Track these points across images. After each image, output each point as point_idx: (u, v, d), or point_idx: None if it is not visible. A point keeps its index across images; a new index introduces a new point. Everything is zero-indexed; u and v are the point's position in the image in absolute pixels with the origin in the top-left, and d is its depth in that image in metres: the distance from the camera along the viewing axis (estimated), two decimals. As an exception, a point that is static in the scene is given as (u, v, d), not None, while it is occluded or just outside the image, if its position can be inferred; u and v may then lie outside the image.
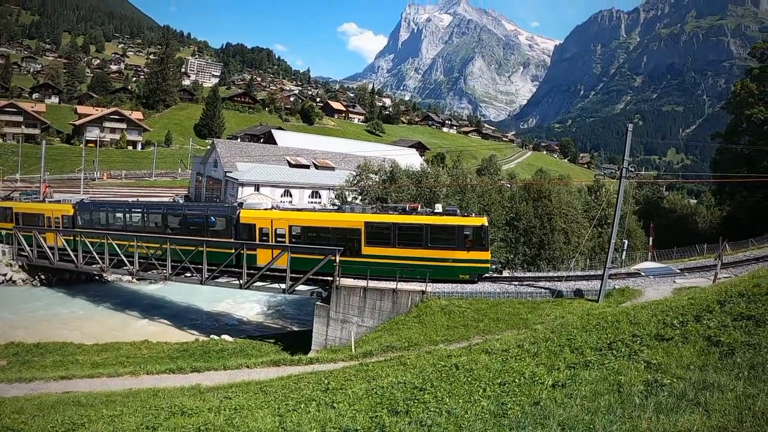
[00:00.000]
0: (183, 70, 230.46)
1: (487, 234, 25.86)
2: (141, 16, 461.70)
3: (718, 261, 23.90)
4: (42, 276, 37.48)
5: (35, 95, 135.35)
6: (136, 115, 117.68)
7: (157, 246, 30.79)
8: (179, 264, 29.63)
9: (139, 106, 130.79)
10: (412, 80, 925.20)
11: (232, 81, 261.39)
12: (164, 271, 30.48)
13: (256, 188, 58.04)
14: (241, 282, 27.68)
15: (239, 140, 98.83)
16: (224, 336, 28.49)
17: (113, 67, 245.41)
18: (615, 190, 27.80)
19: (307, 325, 28.05)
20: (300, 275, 26.22)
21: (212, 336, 28.64)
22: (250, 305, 36.43)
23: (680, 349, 8.78)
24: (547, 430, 5.91)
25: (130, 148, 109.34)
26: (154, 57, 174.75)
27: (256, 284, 27.94)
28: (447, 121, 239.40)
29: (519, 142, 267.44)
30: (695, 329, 9.50)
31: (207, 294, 35.14)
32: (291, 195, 61.06)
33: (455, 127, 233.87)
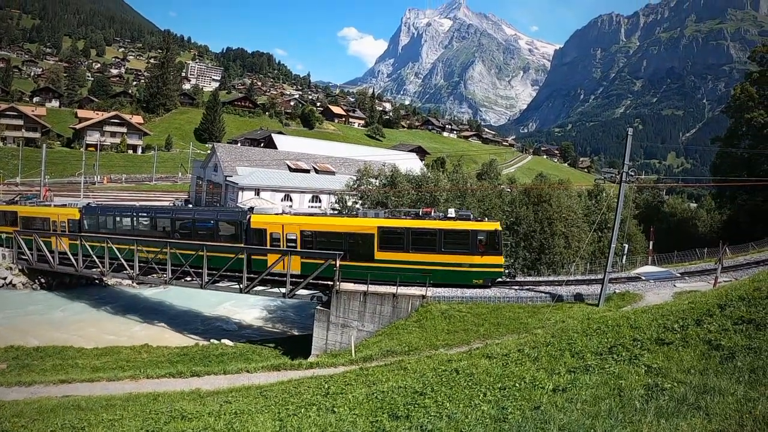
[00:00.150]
0: (183, 75, 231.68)
1: (501, 238, 25.80)
2: (141, 21, 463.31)
3: (719, 265, 23.91)
4: (42, 280, 37.42)
5: (36, 99, 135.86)
6: (137, 119, 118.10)
7: (177, 252, 29.71)
8: (196, 269, 28.96)
9: (140, 110, 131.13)
10: (413, 85, 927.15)
11: (233, 85, 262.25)
12: (164, 275, 30.41)
13: (257, 192, 58.09)
14: (242, 286, 27.64)
15: (239, 144, 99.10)
16: (224, 340, 28.51)
17: (114, 71, 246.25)
18: (615, 195, 27.80)
19: (308, 330, 28.01)
20: (301, 279, 26.16)
21: (212, 340, 28.65)
22: (250, 310, 36.35)
23: (681, 353, 8.77)
24: (548, 435, 5.90)
25: (131, 152, 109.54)
26: (155, 61, 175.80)
27: (257, 288, 27.94)
28: (447, 126, 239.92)
29: (519, 147, 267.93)
30: (696, 333, 9.50)
31: (208, 298, 35.10)
32: (291, 199, 61.07)
33: (455, 132, 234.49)
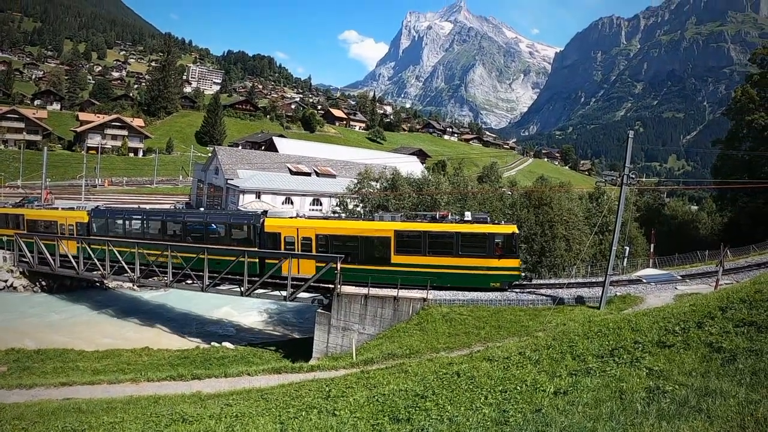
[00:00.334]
0: (184, 78, 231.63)
1: (518, 241, 25.69)
2: (143, 24, 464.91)
3: (720, 267, 23.88)
4: (43, 282, 37.44)
5: (37, 102, 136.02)
6: (138, 122, 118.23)
7: (193, 256, 29.36)
8: (217, 274, 28.62)
9: (141, 113, 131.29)
10: (413, 88, 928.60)
11: (234, 88, 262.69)
12: (165, 278, 30.37)
13: (258, 195, 58.11)
14: (242, 289, 27.61)
15: (240, 147, 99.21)
16: (225, 343, 28.46)
17: (115, 74, 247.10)
18: (616, 197, 27.82)
19: (308, 333, 27.97)
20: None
21: (213, 343, 28.63)
22: (251, 313, 36.36)
23: (682, 356, 8.76)
24: (549, 437, 5.89)
25: (132, 155, 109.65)
26: (156, 64, 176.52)
27: (257, 291, 27.92)
28: (448, 129, 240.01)
29: (520, 150, 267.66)
30: (697, 336, 9.49)
31: (209, 301, 35.11)
32: (292, 202, 61.08)
33: (456, 135, 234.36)
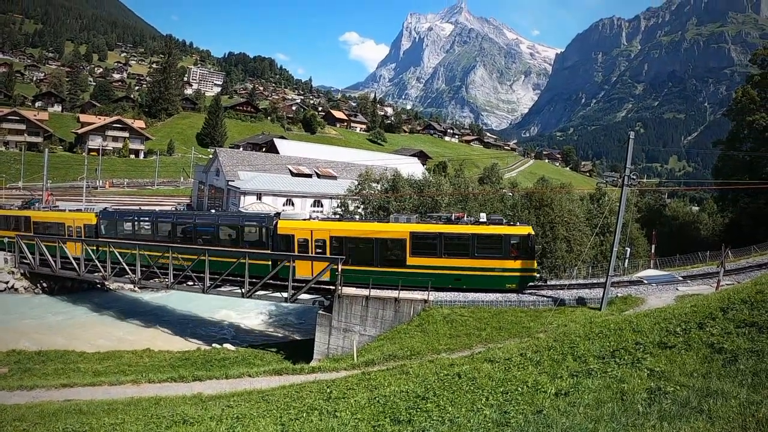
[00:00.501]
0: (185, 79, 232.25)
1: (534, 242, 25.49)
2: (143, 26, 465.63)
3: (721, 268, 23.86)
4: (44, 284, 37.50)
5: (38, 103, 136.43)
6: (139, 124, 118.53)
7: (203, 258, 28.63)
8: (218, 276, 28.41)
9: (142, 115, 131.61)
10: (414, 89, 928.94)
11: (235, 90, 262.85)
12: (166, 280, 30.35)
13: (259, 197, 58.15)
14: (243, 291, 27.55)
15: (241, 149, 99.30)
16: (226, 345, 28.47)
17: (116, 76, 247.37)
18: (617, 198, 27.80)
19: (309, 334, 27.97)
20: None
21: (214, 345, 28.62)
22: (252, 314, 36.40)
23: (683, 357, 8.75)
24: (550, 439, 5.88)
25: (133, 157, 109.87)
26: (157, 66, 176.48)
27: (258, 293, 27.88)
28: (449, 130, 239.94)
29: (521, 151, 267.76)
30: (698, 336, 9.48)
31: (210, 302, 35.11)
32: (293, 204, 61.11)
33: (457, 136, 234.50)
